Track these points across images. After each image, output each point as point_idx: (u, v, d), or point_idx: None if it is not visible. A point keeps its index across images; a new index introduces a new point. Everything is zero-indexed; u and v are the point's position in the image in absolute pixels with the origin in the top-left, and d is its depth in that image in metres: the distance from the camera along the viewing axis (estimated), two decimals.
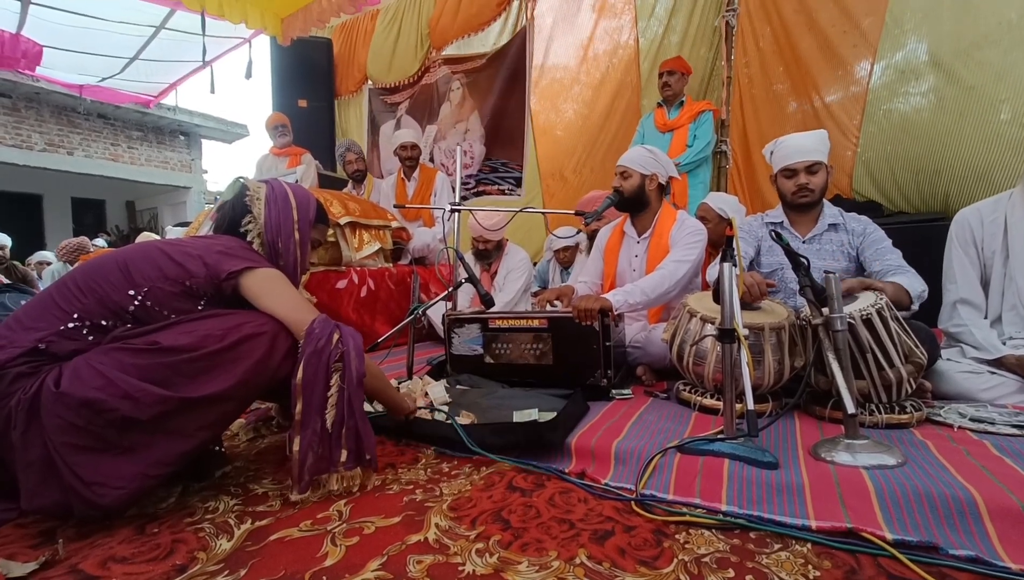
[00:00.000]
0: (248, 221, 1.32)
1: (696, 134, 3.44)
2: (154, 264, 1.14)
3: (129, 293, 1.09)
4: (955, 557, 0.88)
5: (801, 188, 1.89)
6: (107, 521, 1.05)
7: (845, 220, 1.94)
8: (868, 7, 3.21)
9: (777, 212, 2.05)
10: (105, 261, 1.14)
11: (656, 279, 2.01)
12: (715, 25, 3.76)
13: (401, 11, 5.27)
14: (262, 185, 1.37)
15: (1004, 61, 2.81)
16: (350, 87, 5.76)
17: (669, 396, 1.81)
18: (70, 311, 1.07)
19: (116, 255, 1.16)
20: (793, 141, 1.92)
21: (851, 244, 1.90)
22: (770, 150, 1.99)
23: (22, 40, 4.97)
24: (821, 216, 1.95)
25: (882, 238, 1.88)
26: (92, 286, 1.09)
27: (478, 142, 4.86)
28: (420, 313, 2.10)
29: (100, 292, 1.09)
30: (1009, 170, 2.81)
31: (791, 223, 1.99)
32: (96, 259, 1.16)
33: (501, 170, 4.75)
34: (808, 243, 1.94)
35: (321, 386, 1.10)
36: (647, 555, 0.91)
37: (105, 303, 1.08)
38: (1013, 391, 1.60)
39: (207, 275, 1.16)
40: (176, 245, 1.21)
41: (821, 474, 1.11)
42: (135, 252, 1.17)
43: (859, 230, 1.91)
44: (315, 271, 2.76)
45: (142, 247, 1.19)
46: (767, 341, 1.52)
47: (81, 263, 1.09)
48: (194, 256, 1.17)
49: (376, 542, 0.97)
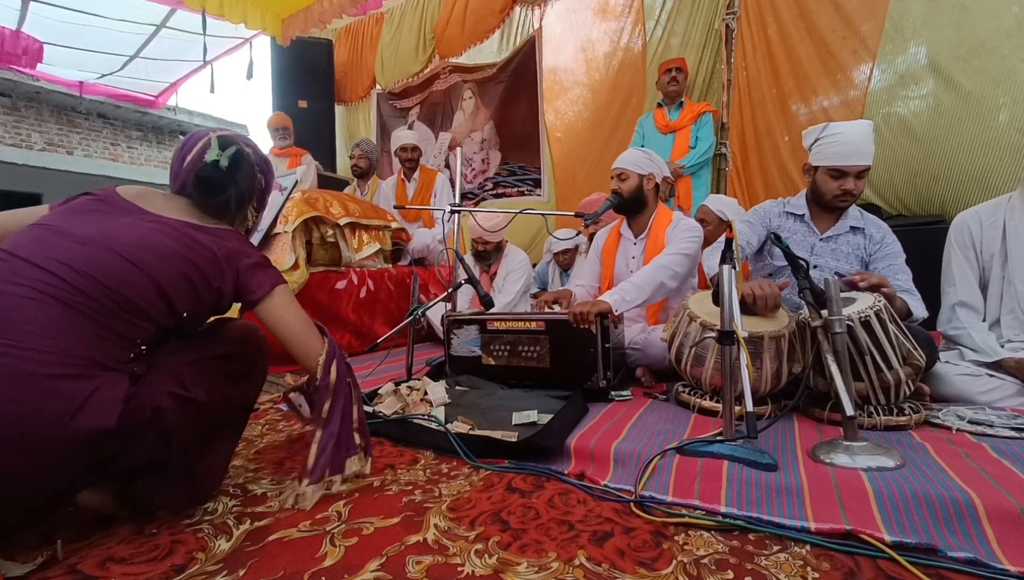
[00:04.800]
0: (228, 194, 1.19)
1: (699, 136, 3.45)
2: (191, 287, 1.06)
3: (172, 320, 1.06)
4: (953, 559, 0.88)
5: (846, 193, 1.77)
6: (106, 521, 1.05)
7: (866, 223, 1.88)
8: (867, 12, 3.22)
9: (800, 202, 1.95)
10: (137, 279, 0.99)
11: (649, 272, 1.99)
12: (715, 28, 3.78)
13: (405, 13, 5.30)
14: (248, 146, 1.24)
15: (1002, 67, 2.83)
16: (359, 92, 5.79)
17: (668, 398, 1.81)
18: (133, 338, 0.99)
19: (148, 273, 1.00)
20: (848, 135, 1.72)
21: (866, 249, 1.86)
22: (815, 137, 1.79)
23: (22, 37, 4.97)
24: (844, 215, 1.87)
25: (898, 253, 1.82)
26: (140, 309, 0.99)
27: (494, 150, 4.90)
28: (420, 314, 2.10)
29: (151, 316, 1.01)
30: (1007, 174, 2.82)
31: (813, 217, 1.91)
32: (116, 269, 0.98)
33: (519, 173, 4.78)
34: (825, 241, 1.89)
35: (346, 388, 1.20)
36: (646, 556, 0.92)
37: (160, 325, 1.04)
38: (1012, 394, 1.60)
39: (234, 294, 1.14)
40: (198, 252, 1.08)
41: (820, 476, 1.11)
42: (167, 271, 1.03)
43: (877, 238, 1.85)
44: (315, 272, 2.76)
45: (170, 262, 1.04)
46: (766, 350, 1.52)
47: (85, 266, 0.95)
48: (225, 270, 1.10)
49: (375, 543, 0.97)
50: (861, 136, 1.73)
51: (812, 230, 1.91)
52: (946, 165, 3.03)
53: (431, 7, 5.08)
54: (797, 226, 1.95)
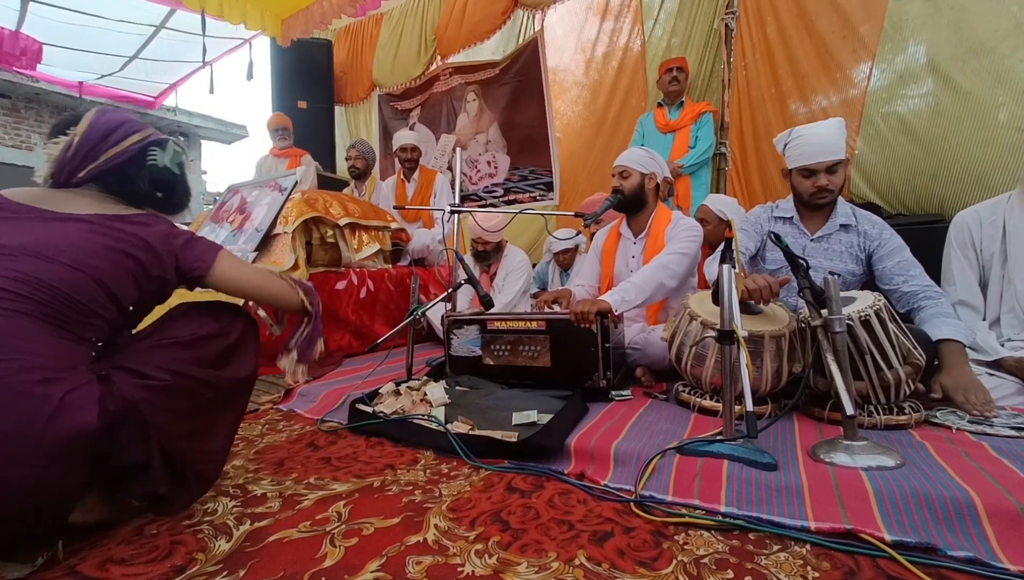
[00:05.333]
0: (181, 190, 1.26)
1: (698, 136, 3.45)
2: (133, 281, 1.07)
3: (120, 315, 1.07)
4: (953, 558, 0.88)
5: (820, 189, 1.79)
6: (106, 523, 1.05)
7: (858, 221, 1.85)
8: (867, 12, 3.22)
9: (788, 206, 1.96)
10: (82, 281, 0.99)
11: (649, 272, 1.99)
12: (715, 28, 3.78)
13: (405, 14, 5.29)
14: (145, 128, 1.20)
15: (1001, 66, 2.83)
16: (360, 94, 5.77)
17: (668, 397, 1.81)
18: (90, 338, 1.01)
19: (91, 275, 1.00)
20: (811, 136, 1.78)
21: (861, 247, 1.83)
22: (783, 141, 1.86)
23: (21, 37, 4.96)
24: (833, 214, 1.86)
25: (901, 247, 1.78)
26: (91, 309, 1.00)
27: (501, 152, 4.88)
28: (419, 314, 2.10)
29: (101, 315, 1.02)
30: (1006, 173, 2.82)
31: (801, 219, 1.92)
32: (61, 276, 0.97)
33: (531, 178, 4.76)
34: (816, 241, 1.88)
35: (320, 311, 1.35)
36: (646, 556, 0.92)
37: (110, 322, 1.05)
38: (1011, 393, 1.60)
39: (176, 278, 1.15)
40: (130, 243, 1.07)
41: (820, 475, 1.11)
42: (107, 269, 1.03)
43: (874, 234, 1.82)
44: (315, 272, 2.76)
45: (107, 259, 1.03)
46: (767, 349, 1.52)
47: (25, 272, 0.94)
48: (162, 255, 1.11)
49: (375, 543, 0.97)
50: (826, 133, 1.76)
51: (802, 232, 1.92)
52: (945, 164, 3.03)
53: (431, 9, 5.07)
54: (787, 229, 1.95)
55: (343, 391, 1.99)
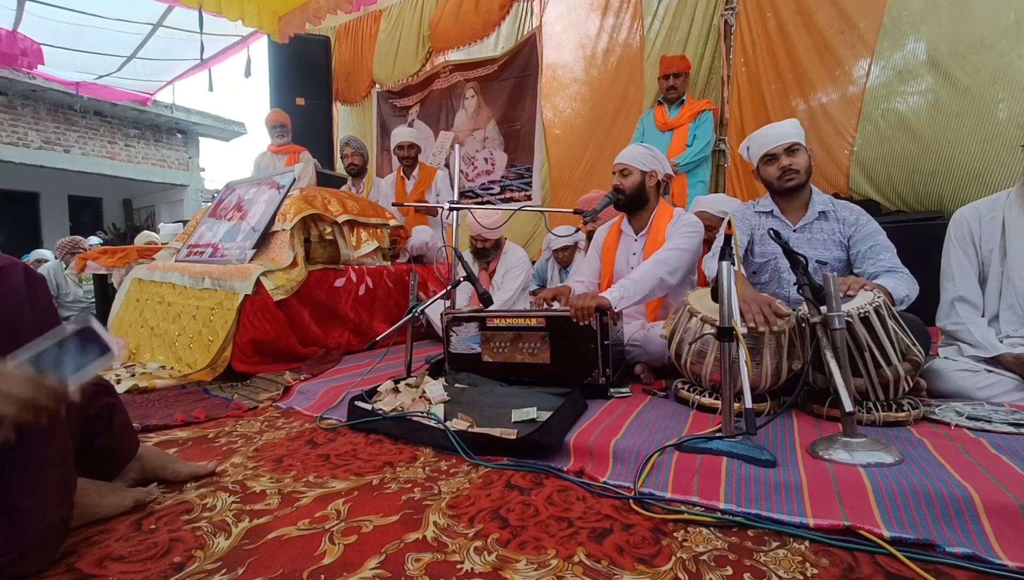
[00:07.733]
0: None
1: (696, 133, 3.43)
2: None
3: None
4: (952, 555, 0.88)
5: (785, 170, 1.88)
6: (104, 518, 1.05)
7: (835, 208, 1.92)
8: (866, 8, 3.22)
9: (766, 201, 2.02)
10: None
11: (648, 268, 1.99)
12: (714, 24, 3.77)
13: (403, 11, 5.28)
14: None
15: (1000, 63, 2.82)
16: (360, 92, 5.77)
17: (667, 394, 1.81)
18: None
19: None
20: (767, 130, 1.93)
21: (842, 233, 1.89)
22: (746, 146, 2.00)
23: (19, 37, 4.94)
24: (811, 203, 1.93)
25: (876, 232, 1.85)
26: None
27: (498, 149, 4.89)
28: (418, 311, 2.10)
29: None
30: (1006, 169, 2.82)
31: (781, 211, 1.97)
32: None
33: (526, 176, 4.78)
34: (799, 232, 1.93)
35: None
36: (645, 553, 0.92)
37: None
38: (1010, 389, 1.60)
39: None
40: None
41: (819, 472, 1.11)
42: None
43: (851, 220, 1.88)
44: (313, 269, 2.76)
45: None
46: (766, 346, 1.52)
47: None
48: None
49: (374, 540, 0.97)
50: (780, 126, 1.91)
51: (784, 223, 1.96)
52: (944, 161, 3.03)
53: (429, 5, 5.06)
54: (770, 222, 1.99)
55: (342, 388, 1.98)
